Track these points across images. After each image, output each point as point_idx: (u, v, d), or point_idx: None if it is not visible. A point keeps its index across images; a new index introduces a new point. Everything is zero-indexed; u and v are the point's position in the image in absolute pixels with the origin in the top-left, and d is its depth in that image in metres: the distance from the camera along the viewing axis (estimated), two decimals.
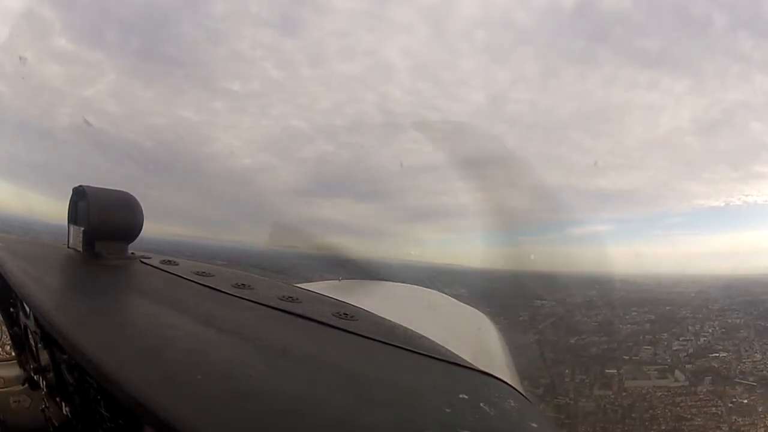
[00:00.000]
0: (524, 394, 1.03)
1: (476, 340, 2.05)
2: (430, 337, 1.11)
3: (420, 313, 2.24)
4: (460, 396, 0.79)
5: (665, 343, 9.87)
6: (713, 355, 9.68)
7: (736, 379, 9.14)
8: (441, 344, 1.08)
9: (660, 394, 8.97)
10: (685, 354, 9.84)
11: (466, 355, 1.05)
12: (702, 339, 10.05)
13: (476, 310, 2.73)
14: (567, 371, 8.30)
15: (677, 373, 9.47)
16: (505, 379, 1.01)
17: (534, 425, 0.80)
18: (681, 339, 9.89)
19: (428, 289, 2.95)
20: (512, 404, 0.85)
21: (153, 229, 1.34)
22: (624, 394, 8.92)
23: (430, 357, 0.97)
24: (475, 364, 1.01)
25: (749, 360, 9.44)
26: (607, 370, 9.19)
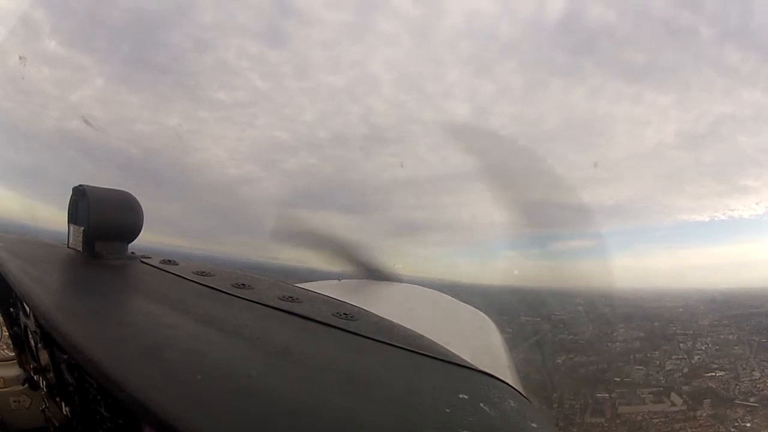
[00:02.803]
0: (524, 394, 1.04)
1: (476, 339, 2.07)
2: (430, 337, 1.12)
3: (420, 313, 2.25)
4: (460, 396, 0.80)
5: (657, 362, 9.60)
6: (710, 374, 9.42)
7: (737, 401, 8.91)
8: (441, 344, 1.09)
9: (657, 420, 8.58)
10: (680, 374, 9.57)
11: (466, 355, 1.06)
12: (696, 357, 9.85)
13: (476, 310, 2.73)
14: (555, 395, 8.00)
15: (673, 395, 9.21)
16: (505, 380, 1.02)
17: (534, 425, 0.80)
18: (674, 357, 9.63)
19: (428, 289, 2.92)
20: (512, 404, 0.86)
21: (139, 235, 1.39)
22: (618, 421, 8.56)
23: (430, 357, 0.98)
24: (475, 364, 1.01)
25: (748, 379, 9.20)
26: (598, 394, 8.86)
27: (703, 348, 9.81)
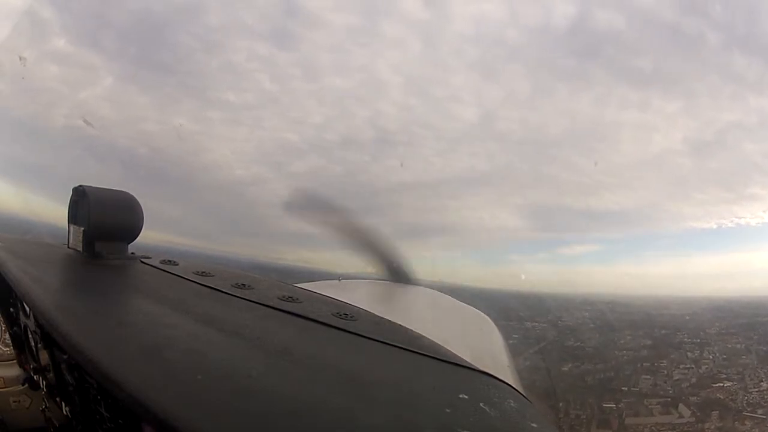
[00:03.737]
0: (524, 394, 1.04)
1: (477, 340, 2.07)
2: (430, 337, 1.12)
3: (420, 313, 2.25)
4: (460, 396, 0.80)
5: (665, 371, 9.47)
6: (718, 385, 9.27)
7: (745, 413, 8.74)
8: (441, 344, 1.09)
9: None
10: (688, 384, 9.42)
11: (467, 355, 1.07)
12: (704, 367, 9.72)
13: (477, 310, 2.74)
14: (561, 405, 7.83)
15: (681, 407, 9.03)
16: (505, 380, 1.02)
17: (534, 425, 0.80)
18: (681, 367, 9.49)
19: (429, 289, 2.93)
20: (512, 404, 0.86)
21: (141, 233, 1.36)
22: None
23: (430, 357, 0.98)
24: (475, 365, 1.02)
25: (755, 390, 9.01)
26: (605, 404, 8.70)
27: (711, 357, 9.65)
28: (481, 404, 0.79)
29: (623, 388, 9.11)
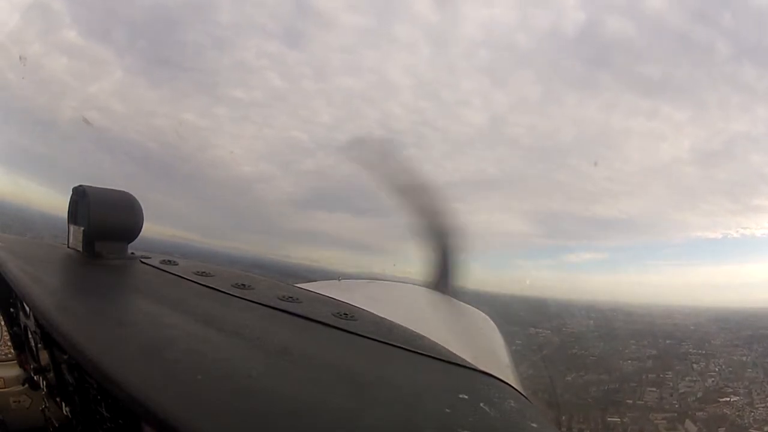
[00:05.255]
0: (525, 394, 1.04)
1: (477, 340, 2.03)
2: (430, 337, 1.12)
3: (420, 313, 2.24)
4: (460, 396, 0.80)
5: (670, 383, 9.27)
6: (724, 399, 9.07)
7: (752, 430, 8.55)
8: (441, 344, 1.08)
9: None
10: (694, 398, 9.22)
11: (467, 355, 1.06)
12: (710, 380, 9.54)
13: (477, 310, 2.73)
14: (564, 418, 7.60)
15: (688, 423, 8.82)
16: (505, 380, 1.01)
17: (534, 425, 0.80)
18: (687, 379, 9.28)
19: (428, 289, 2.86)
20: (512, 404, 0.86)
21: (147, 228, 1.36)
22: None
23: (430, 357, 0.98)
24: (475, 364, 1.01)
25: (762, 405, 8.88)
26: (609, 418, 8.47)
27: (717, 370, 9.48)
28: (481, 404, 0.79)
29: (628, 401, 8.91)
